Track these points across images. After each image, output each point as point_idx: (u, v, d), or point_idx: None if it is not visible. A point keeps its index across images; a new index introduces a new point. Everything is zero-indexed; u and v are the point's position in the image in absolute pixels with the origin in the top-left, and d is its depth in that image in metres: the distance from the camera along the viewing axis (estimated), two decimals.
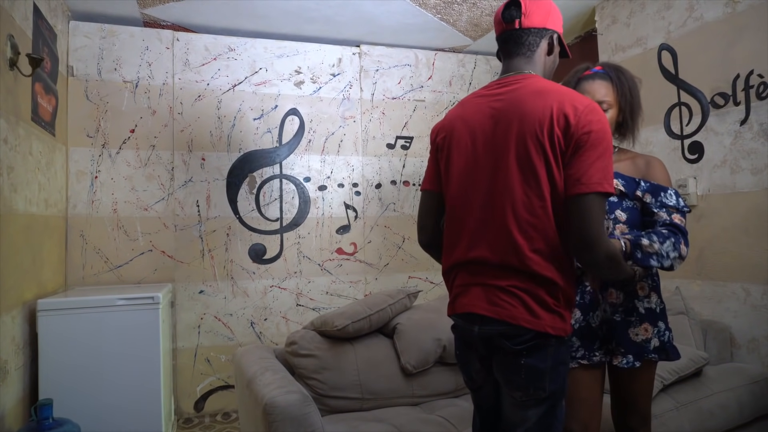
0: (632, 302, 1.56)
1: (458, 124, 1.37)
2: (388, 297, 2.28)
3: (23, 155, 2.26)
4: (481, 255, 1.27)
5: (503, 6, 1.37)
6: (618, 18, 3.01)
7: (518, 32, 1.34)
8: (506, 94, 1.31)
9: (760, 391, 2.17)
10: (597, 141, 1.18)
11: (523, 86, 1.30)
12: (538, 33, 1.34)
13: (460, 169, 1.35)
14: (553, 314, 1.21)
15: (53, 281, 2.73)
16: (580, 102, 1.22)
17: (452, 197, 1.37)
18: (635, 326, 1.54)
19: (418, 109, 3.74)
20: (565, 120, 1.19)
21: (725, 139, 2.45)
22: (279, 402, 1.57)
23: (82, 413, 2.23)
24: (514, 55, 1.37)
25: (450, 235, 1.38)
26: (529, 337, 1.21)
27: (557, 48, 1.40)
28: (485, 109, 1.33)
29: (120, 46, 3.11)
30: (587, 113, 1.20)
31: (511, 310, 1.21)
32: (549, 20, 1.35)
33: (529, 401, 1.24)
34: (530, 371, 1.22)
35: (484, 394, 1.39)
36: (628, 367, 1.52)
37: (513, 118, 1.26)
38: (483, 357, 1.32)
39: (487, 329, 1.25)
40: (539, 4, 1.35)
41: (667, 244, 1.47)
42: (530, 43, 1.34)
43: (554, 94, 1.24)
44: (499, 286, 1.23)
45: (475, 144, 1.32)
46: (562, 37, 1.41)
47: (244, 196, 3.34)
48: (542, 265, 1.20)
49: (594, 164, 1.17)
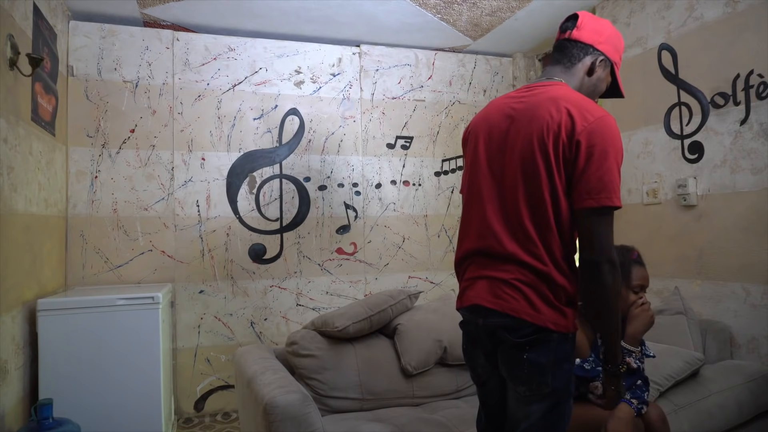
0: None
1: (481, 123, 1.43)
2: (389, 297, 2.28)
3: (23, 155, 2.26)
4: (488, 245, 1.31)
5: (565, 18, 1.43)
6: (618, 18, 3.01)
7: (566, 42, 1.40)
8: (528, 97, 1.35)
9: (759, 389, 2.16)
10: (605, 154, 1.20)
11: (546, 91, 1.33)
12: (584, 48, 1.38)
13: (474, 164, 1.40)
14: (554, 310, 1.24)
15: (53, 281, 2.72)
16: (591, 113, 1.24)
17: (466, 192, 1.43)
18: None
19: (418, 109, 3.74)
20: (572, 127, 1.22)
21: (725, 139, 2.45)
22: (279, 402, 1.57)
23: (82, 413, 2.23)
24: (555, 63, 1.42)
25: (462, 227, 1.45)
26: (530, 331, 1.23)
27: (603, 73, 1.40)
28: (506, 109, 1.37)
29: (120, 46, 3.11)
30: (598, 125, 1.22)
31: (513, 304, 1.25)
32: (601, 42, 1.38)
33: (532, 396, 1.26)
34: (533, 365, 1.24)
35: (489, 389, 1.42)
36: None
37: (525, 119, 1.30)
38: (488, 352, 1.35)
39: (491, 321, 1.29)
40: (597, 23, 1.40)
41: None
42: (573, 55, 1.38)
43: (569, 101, 1.26)
44: (503, 279, 1.27)
45: (490, 141, 1.37)
46: (615, 70, 1.42)
47: (244, 196, 3.34)
48: (543, 261, 1.24)
49: (602, 178, 1.19)
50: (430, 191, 3.76)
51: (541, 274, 1.24)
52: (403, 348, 2.19)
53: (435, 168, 3.78)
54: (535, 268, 1.24)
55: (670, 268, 2.69)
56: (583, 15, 1.40)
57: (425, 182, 3.75)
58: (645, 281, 1.68)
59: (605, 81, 1.42)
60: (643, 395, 1.62)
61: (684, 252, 2.63)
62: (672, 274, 2.68)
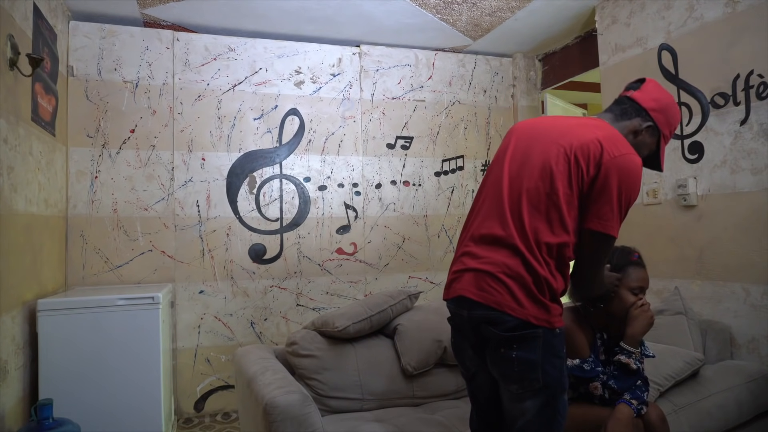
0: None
1: (521, 125, 1.51)
2: (389, 298, 2.28)
3: (23, 155, 2.26)
4: (491, 231, 1.36)
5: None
6: (618, 18, 3.01)
7: (625, 98, 1.48)
8: (565, 120, 1.46)
9: (759, 389, 2.15)
10: (619, 190, 1.29)
11: (588, 121, 1.43)
12: (638, 110, 1.44)
13: (500, 156, 1.48)
14: (537, 305, 1.28)
15: (53, 281, 2.72)
16: (618, 149, 1.31)
17: (484, 178, 1.51)
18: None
19: (418, 109, 3.74)
20: (600, 155, 1.30)
21: (725, 139, 2.45)
22: (279, 402, 1.57)
23: (82, 413, 2.23)
24: (607, 111, 1.50)
25: (470, 212, 1.51)
26: (513, 325, 1.27)
27: (648, 139, 1.45)
28: (540, 122, 1.48)
29: (120, 46, 3.11)
30: (624, 161, 1.30)
31: (497, 296, 1.29)
32: (656, 109, 1.44)
33: (525, 393, 1.29)
34: (522, 363, 1.27)
35: (478, 383, 1.45)
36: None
37: (556, 132, 1.38)
38: (474, 344, 1.39)
39: (476, 314, 1.33)
40: (660, 93, 1.47)
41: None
42: (626, 111, 1.45)
43: (602, 131, 1.35)
44: (489, 272, 1.31)
45: (516, 148, 1.44)
46: (662, 142, 1.48)
47: (244, 196, 3.34)
48: (533, 253, 1.29)
49: (614, 209, 1.30)
50: (430, 191, 3.76)
51: (529, 265, 1.28)
52: (403, 348, 2.19)
53: (435, 168, 3.78)
54: (524, 256, 1.28)
55: (670, 268, 2.69)
56: (649, 80, 1.48)
57: (425, 182, 3.75)
58: (645, 283, 1.68)
59: (648, 147, 1.46)
60: (642, 396, 1.62)
61: (684, 252, 2.63)
62: (672, 275, 2.68)
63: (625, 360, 1.59)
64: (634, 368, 1.60)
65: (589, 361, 1.61)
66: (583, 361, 1.61)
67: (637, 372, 1.62)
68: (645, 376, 1.68)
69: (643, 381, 1.66)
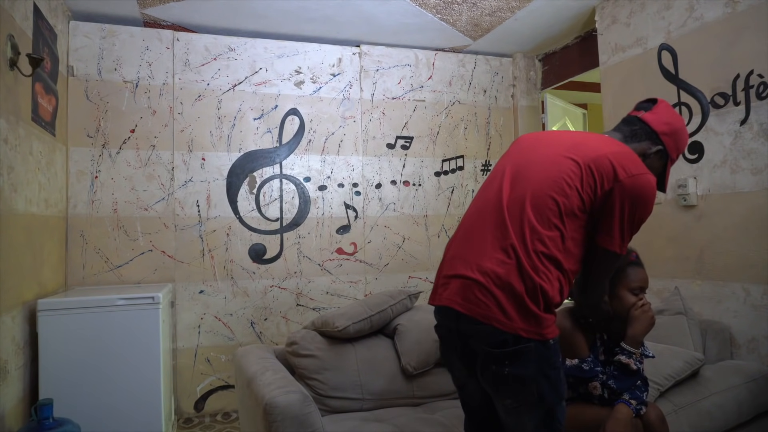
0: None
1: (521, 142, 1.50)
2: (389, 298, 2.28)
3: (23, 155, 2.26)
4: (485, 233, 1.33)
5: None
6: (618, 18, 3.01)
7: (635, 119, 1.45)
8: (576, 134, 1.46)
9: (758, 389, 2.15)
10: (632, 210, 1.30)
11: (596, 137, 1.42)
12: (649, 132, 1.42)
13: (504, 160, 1.46)
14: (527, 316, 1.21)
15: (53, 281, 2.73)
16: (637, 168, 1.30)
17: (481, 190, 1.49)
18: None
19: (418, 109, 3.74)
20: (614, 171, 1.28)
21: (725, 139, 2.46)
22: (279, 402, 1.57)
23: (82, 413, 2.23)
24: (616, 130, 1.47)
25: (468, 211, 1.48)
26: (502, 340, 1.21)
27: (656, 162, 1.44)
28: (548, 134, 1.48)
29: (120, 46, 3.11)
30: (638, 182, 1.28)
31: (483, 309, 1.23)
32: (666, 133, 1.42)
33: (520, 407, 1.25)
34: (516, 380, 1.22)
35: (469, 391, 1.42)
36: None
37: (567, 145, 1.36)
38: (462, 356, 1.35)
39: (462, 327, 1.29)
40: (671, 116, 1.44)
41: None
42: (636, 133, 1.43)
43: (617, 147, 1.34)
44: (477, 280, 1.25)
45: (521, 155, 1.42)
46: (668, 165, 1.47)
47: (244, 196, 3.34)
48: (531, 262, 1.24)
49: (624, 228, 1.31)
50: (430, 191, 3.76)
51: (524, 271, 1.22)
52: (403, 348, 2.19)
53: (435, 168, 3.78)
54: (520, 260, 1.23)
55: (670, 268, 2.69)
56: (661, 102, 1.45)
57: (425, 182, 3.75)
58: (644, 282, 1.68)
59: (655, 171, 1.44)
60: (642, 396, 1.62)
61: (684, 252, 2.63)
62: (672, 274, 2.68)
63: (626, 360, 1.59)
64: (635, 369, 1.60)
65: (588, 361, 1.61)
66: (582, 361, 1.61)
67: (637, 372, 1.62)
68: (645, 377, 1.68)
69: (642, 381, 1.66)
